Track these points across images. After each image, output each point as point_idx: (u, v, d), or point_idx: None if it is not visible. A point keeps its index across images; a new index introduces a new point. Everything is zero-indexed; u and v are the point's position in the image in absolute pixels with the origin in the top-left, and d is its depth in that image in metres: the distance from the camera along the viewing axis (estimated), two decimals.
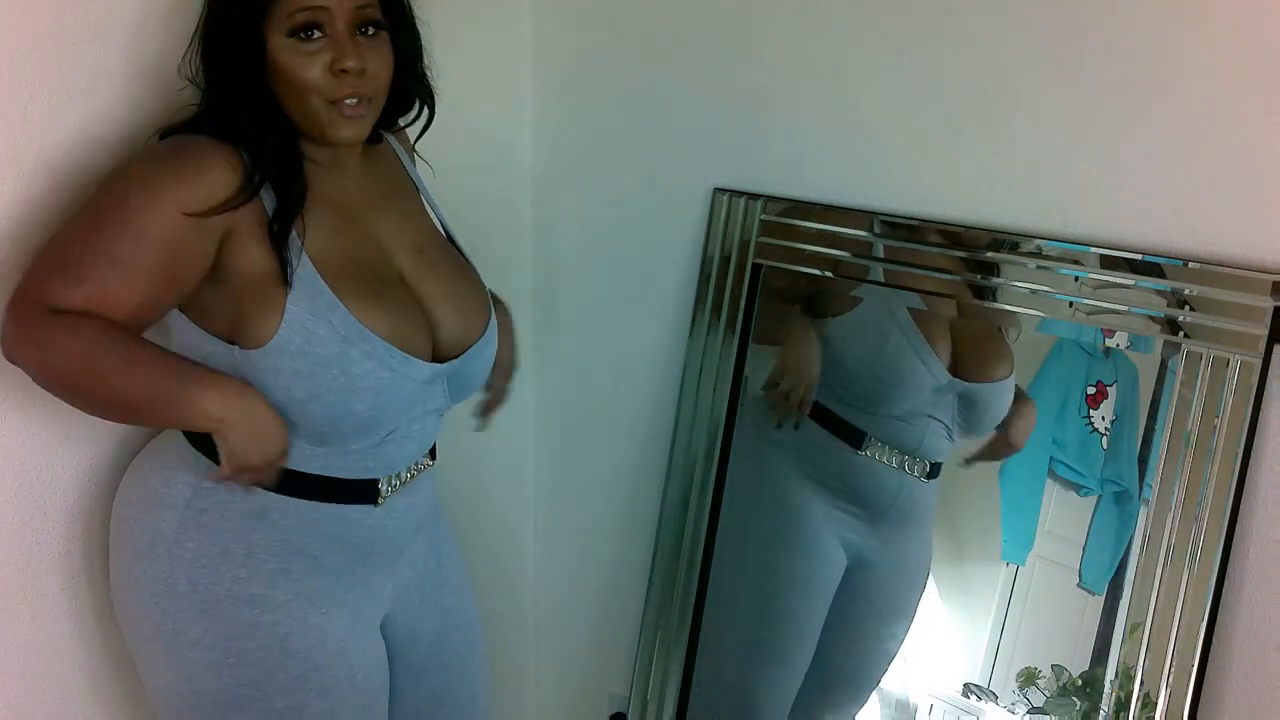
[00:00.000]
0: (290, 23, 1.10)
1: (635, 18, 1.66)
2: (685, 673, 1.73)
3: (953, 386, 1.51)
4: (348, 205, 1.23)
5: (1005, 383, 1.48)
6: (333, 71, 1.12)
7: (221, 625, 1.20)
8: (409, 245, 1.27)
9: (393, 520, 1.28)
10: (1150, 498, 1.35)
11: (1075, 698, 1.43)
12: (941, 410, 1.52)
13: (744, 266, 1.61)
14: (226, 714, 1.22)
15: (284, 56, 1.11)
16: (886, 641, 1.63)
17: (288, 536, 1.21)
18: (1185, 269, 1.30)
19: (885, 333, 1.53)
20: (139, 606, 1.23)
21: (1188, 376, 1.31)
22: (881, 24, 1.46)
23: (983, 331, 1.48)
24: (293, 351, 1.12)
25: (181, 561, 1.19)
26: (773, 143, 1.58)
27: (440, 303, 1.26)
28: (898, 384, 1.54)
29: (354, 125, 1.16)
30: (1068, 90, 1.35)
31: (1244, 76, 1.25)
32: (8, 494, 1.22)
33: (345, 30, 1.13)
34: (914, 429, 1.54)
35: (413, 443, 1.27)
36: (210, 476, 1.16)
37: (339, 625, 1.26)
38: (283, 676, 1.22)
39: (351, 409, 1.16)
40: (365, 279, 1.19)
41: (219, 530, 1.19)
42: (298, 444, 1.18)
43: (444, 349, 1.26)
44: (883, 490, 1.58)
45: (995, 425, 1.50)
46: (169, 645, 1.21)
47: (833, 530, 1.62)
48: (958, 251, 1.44)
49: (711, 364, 1.67)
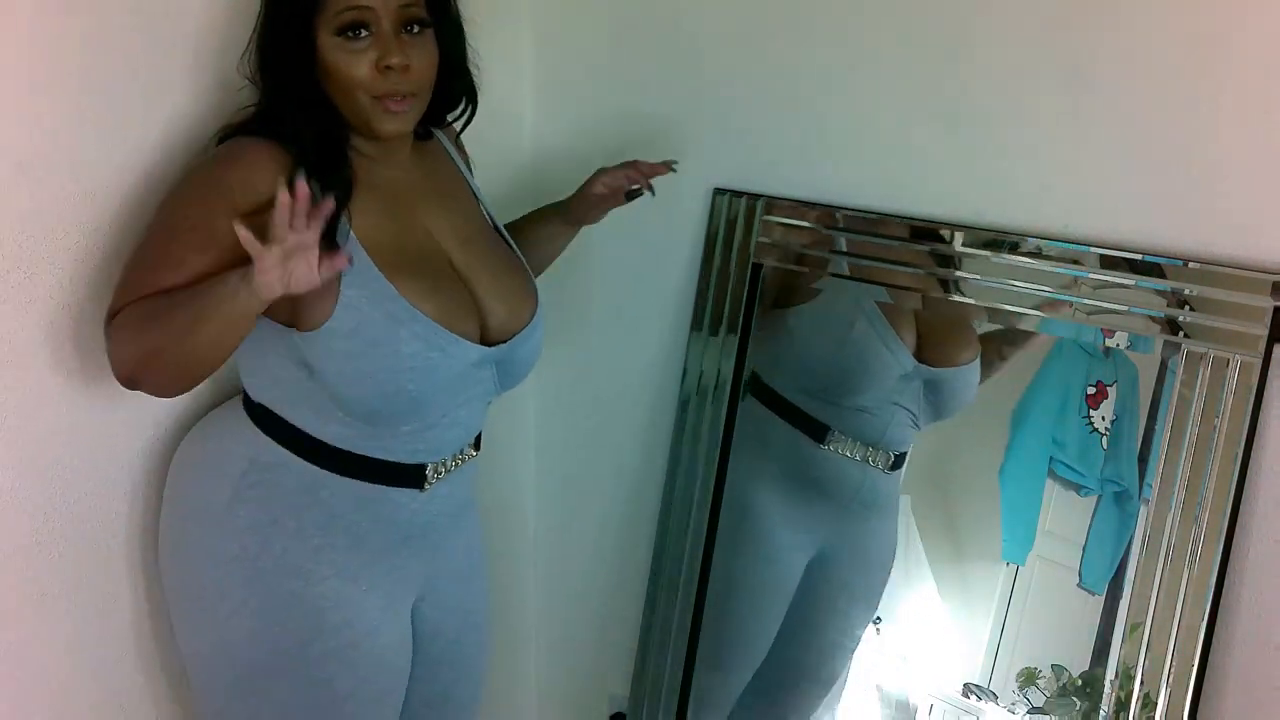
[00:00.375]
0: (338, 21, 1.15)
1: (635, 18, 1.66)
2: (685, 673, 1.73)
3: (919, 373, 1.52)
4: (398, 196, 1.27)
5: (970, 367, 1.50)
6: (378, 69, 1.17)
7: (264, 593, 1.24)
8: (457, 236, 1.31)
9: (435, 506, 1.32)
10: (1150, 498, 1.35)
11: (1075, 698, 1.43)
12: (908, 398, 1.53)
13: (744, 266, 1.61)
14: (257, 682, 1.26)
15: (332, 54, 1.17)
16: (845, 635, 1.65)
17: (336, 513, 1.26)
18: (1185, 269, 1.30)
19: (851, 322, 1.54)
20: (185, 570, 1.28)
21: (1188, 376, 1.31)
22: (882, 25, 1.46)
23: (948, 318, 1.49)
24: (345, 333, 1.17)
25: (233, 528, 1.24)
26: (773, 143, 1.58)
27: (487, 291, 1.30)
28: (864, 373, 1.54)
29: (398, 120, 1.20)
30: (1068, 91, 1.35)
31: (1244, 76, 1.25)
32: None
33: (390, 29, 1.17)
34: (878, 419, 1.55)
35: (460, 428, 1.31)
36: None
37: (374, 605, 1.30)
38: (316, 649, 1.26)
39: (402, 388, 1.20)
40: (415, 265, 1.24)
41: (271, 502, 1.24)
42: (351, 424, 1.23)
43: (492, 335, 1.30)
44: (845, 483, 1.59)
45: (960, 410, 1.52)
46: (210, 610, 1.26)
47: (792, 530, 1.63)
48: (958, 251, 1.44)
49: (712, 363, 1.67)
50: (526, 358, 1.36)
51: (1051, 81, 1.36)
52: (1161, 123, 1.30)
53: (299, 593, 1.25)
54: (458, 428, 1.31)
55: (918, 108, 1.46)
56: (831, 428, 1.56)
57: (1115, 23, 1.31)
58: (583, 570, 1.92)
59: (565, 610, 1.96)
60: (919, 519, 1.60)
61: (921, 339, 1.51)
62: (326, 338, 1.17)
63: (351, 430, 1.23)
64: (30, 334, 1.21)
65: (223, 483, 1.25)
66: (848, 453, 1.56)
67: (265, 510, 1.24)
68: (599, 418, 1.85)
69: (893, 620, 1.63)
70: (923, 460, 1.58)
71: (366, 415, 1.22)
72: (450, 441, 1.31)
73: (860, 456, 1.55)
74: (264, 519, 1.24)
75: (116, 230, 1.25)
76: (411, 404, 1.22)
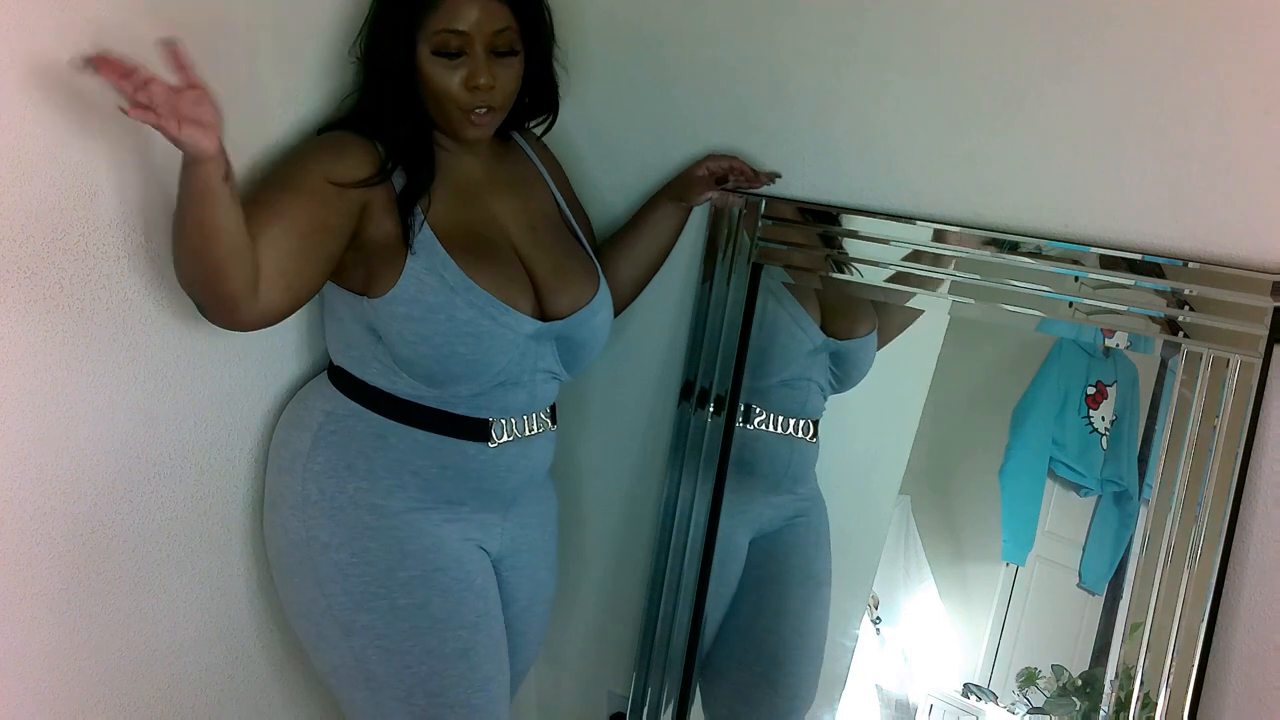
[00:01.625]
0: (435, 41, 1.31)
1: (635, 20, 1.66)
2: (685, 673, 1.73)
3: (826, 346, 1.60)
4: (471, 186, 1.43)
5: (869, 338, 1.58)
6: (467, 86, 1.32)
7: (346, 529, 1.37)
8: (524, 223, 1.46)
9: (505, 462, 1.43)
10: (1150, 498, 1.35)
11: (1075, 698, 1.43)
12: (817, 371, 1.62)
13: (744, 267, 1.62)
14: (355, 615, 1.37)
15: (429, 67, 1.32)
16: (812, 606, 1.69)
17: (404, 458, 1.38)
18: (1185, 269, 1.30)
19: (761, 304, 1.62)
20: (281, 519, 1.42)
21: (1188, 376, 1.31)
22: (882, 25, 1.46)
23: (845, 294, 1.56)
24: (407, 299, 1.31)
25: (312, 473, 1.38)
26: (773, 144, 1.58)
27: (546, 272, 1.44)
28: (779, 351, 1.62)
29: (480, 129, 1.37)
30: (1068, 90, 1.35)
31: (1244, 76, 1.25)
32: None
33: (482, 52, 1.32)
34: (797, 392, 1.63)
35: (524, 391, 1.42)
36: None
37: (452, 536, 1.41)
38: (403, 575, 1.37)
39: (455, 350, 1.33)
40: (477, 244, 1.38)
41: (345, 448, 1.38)
42: (413, 385, 1.36)
43: (548, 312, 1.43)
44: (776, 461, 1.67)
45: (861, 379, 1.61)
46: (304, 552, 1.38)
47: (728, 515, 1.68)
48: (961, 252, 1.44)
49: (712, 364, 1.67)
50: (586, 340, 1.47)
51: (1051, 81, 1.36)
52: (1162, 123, 1.30)
53: (374, 525, 1.37)
54: (521, 390, 1.42)
55: (918, 108, 1.46)
56: (755, 406, 1.64)
57: (1115, 22, 1.31)
58: (583, 571, 1.92)
59: (565, 610, 1.96)
60: (919, 519, 1.60)
61: (825, 315, 1.60)
62: (391, 303, 1.31)
63: (417, 389, 1.36)
64: (31, 334, 1.21)
65: (304, 435, 1.40)
66: (774, 428, 1.64)
67: (340, 455, 1.37)
68: (598, 419, 1.85)
69: (893, 620, 1.63)
70: (923, 460, 1.58)
71: (426, 376, 1.35)
72: (515, 403, 1.42)
73: (785, 430, 1.64)
74: (339, 463, 1.37)
75: (116, 230, 1.26)
76: (467, 367, 1.34)
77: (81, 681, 1.36)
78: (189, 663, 1.49)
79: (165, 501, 1.41)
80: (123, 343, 1.30)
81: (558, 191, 1.57)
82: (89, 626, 1.35)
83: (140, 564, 1.39)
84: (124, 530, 1.36)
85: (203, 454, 1.44)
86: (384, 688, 1.38)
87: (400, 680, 1.37)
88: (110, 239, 1.26)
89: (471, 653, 1.40)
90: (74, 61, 1.05)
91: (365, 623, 1.37)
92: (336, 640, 1.39)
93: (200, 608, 1.49)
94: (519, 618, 1.55)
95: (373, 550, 1.37)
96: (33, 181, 1.17)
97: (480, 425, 1.40)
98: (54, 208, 1.19)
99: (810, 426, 1.64)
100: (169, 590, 1.44)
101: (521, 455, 1.45)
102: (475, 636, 1.41)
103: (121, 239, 1.27)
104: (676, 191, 1.61)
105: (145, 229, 1.29)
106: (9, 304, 1.18)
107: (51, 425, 1.25)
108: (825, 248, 1.55)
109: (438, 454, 1.39)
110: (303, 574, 1.40)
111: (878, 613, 1.64)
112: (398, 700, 1.38)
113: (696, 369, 1.69)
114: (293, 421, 1.44)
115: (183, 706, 1.49)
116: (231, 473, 1.48)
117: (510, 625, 1.52)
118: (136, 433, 1.35)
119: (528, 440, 1.46)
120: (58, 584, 1.30)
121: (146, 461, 1.37)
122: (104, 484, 1.33)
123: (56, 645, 1.32)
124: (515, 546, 1.52)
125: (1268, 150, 1.25)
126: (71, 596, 1.33)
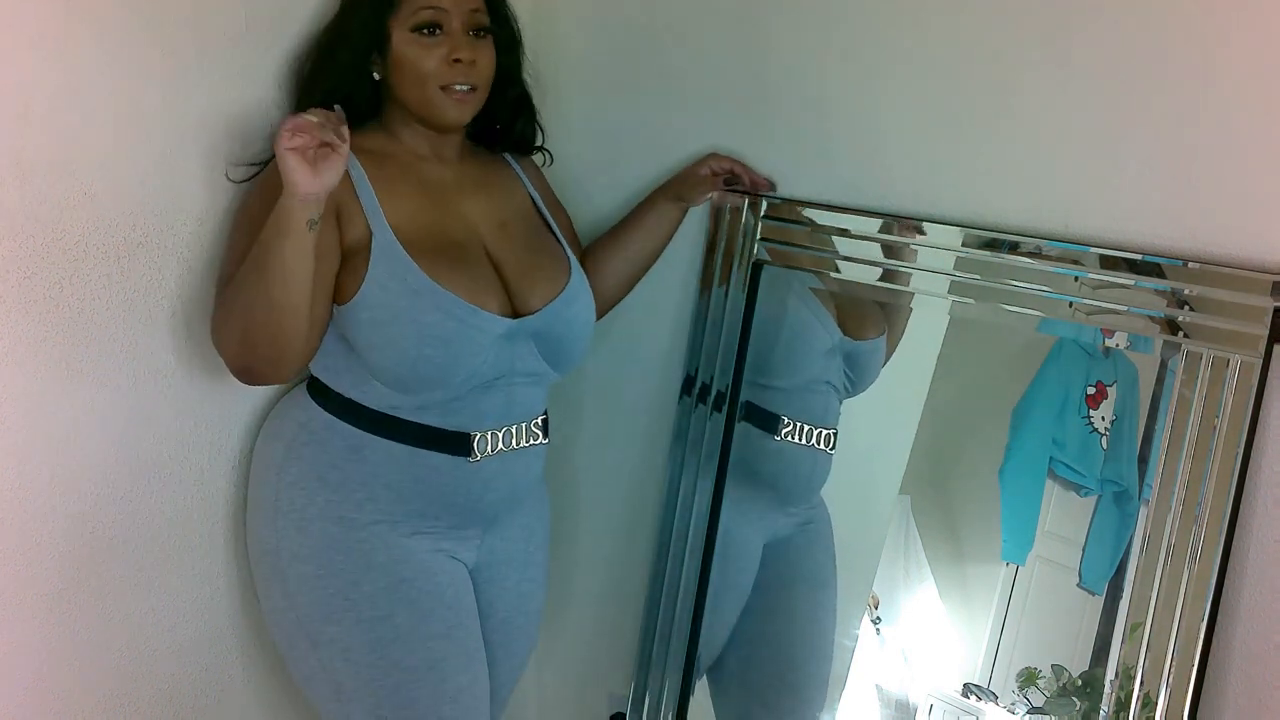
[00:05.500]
0: (415, 19, 1.33)
1: (635, 18, 1.66)
2: (685, 673, 1.73)
3: (841, 346, 1.60)
4: (441, 189, 1.42)
5: (879, 341, 1.58)
6: (448, 61, 1.34)
7: (314, 541, 1.35)
8: (495, 222, 1.46)
9: (484, 480, 1.40)
10: (1150, 498, 1.35)
11: (1075, 698, 1.43)
12: (832, 373, 1.61)
13: (744, 266, 1.61)
14: (322, 627, 1.36)
15: (407, 49, 1.34)
16: (822, 608, 1.68)
17: (377, 472, 1.36)
18: (1185, 269, 1.30)
19: (783, 301, 1.62)
20: (255, 529, 1.41)
21: (1188, 376, 1.31)
22: (882, 24, 1.46)
23: (853, 295, 1.56)
24: (372, 304, 1.29)
25: (285, 485, 1.37)
26: (773, 143, 1.58)
27: (516, 268, 1.42)
28: (803, 348, 1.62)
29: (460, 109, 1.38)
30: (1068, 90, 1.35)
31: (1244, 76, 1.25)
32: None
33: (460, 28, 1.35)
34: (818, 397, 1.63)
35: (500, 395, 1.39)
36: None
37: (421, 547, 1.39)
38: (369, 587, 1.35)
39: (423, 354, 1.30)
40: (443, 247, 1.36)
41: (317, 460, 1.36)
42: (390, 394, 1.34)
43: (522, 309, 1.40)
44: (798, 475, 1.66)
45: (872, 384, 1.60)
46: (274, 562, 1.38)
47: (745, 522, 1.68)
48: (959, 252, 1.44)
49: (713, 363, 1.67)
50: (565, 333, 1.44)
51: (1052, 81, 1.36)
52: (1162, 123, 1.30)
53: (341, 538, 1.35)
54: (499, 396, 1.39)
55: (919, 109, 1.46)
56: (783, 416, 1.62)
57: (1116, 22, 1.31)
58: (583, 571, 1.92)
59: (565, 610, 1.96)
60: (919, 519, 1.60)
61: (839, 315, 1.60)
62: (355, 309, 1.30)
63: (391, 399, 1.34)
64: (30, 334, 1.21)
65: (278, 446, 1.40)
66: (799, 439, 1.62)
67: (312, 467, 1.36)
68: (599, 418, 1.85)
69: (893, 620, 1.63)
70: (923, 460, 1.58)
71: (397, 382, 1.33)
72: (493, 411, 1.39)
73: (809, 441, 1.62)
74: (310, 475, 1.36)
75: (116, 230, 1.26)
76: (437, 370, 1.32)
77: (81, 681, 1.36)
78: (189, 663, 1.49)
79: (165, 501, 1.41)
80: (122, 343, 1.30)
81: (533, 189, 1.57)
82: (89, 626, 1.35)
83: (140, 564, 1.40)
84: (124, 530, 1.37)
85: (203, 454, 1.44)
86: (353, 699, 1.37)
87: (368, 692, 1.36)
88: (110, 239, 1.26)
89: (442, 664, 1.38)
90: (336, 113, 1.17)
91: (332, 635, 1.36)
92: (305, 651, 1.38)
93: (201, 607, 1.49)
94: (498, 630, 1.53)
95: (338, 562, 1.36)
96: (33, 181, 1.17)
97: (461, 439, 1.37)
98: (54, 208, 1.19)
99: (831, 438, 1.61)
100: (169, 590, 1.44)
101: (502, 471, 1.42)
102: (446, 647, 1.39)
103: (121, 239, 1.27)
104: (676, 191, 1.60)
105: (145, 229, 1.29)
106: (9, 304, 1.18)
107: (51, 425, 1.25)
108: (826, 248, 1.55)
109: (414, 469, 1.37)
110: (274, 584, 1.39)
111: (878, 613, 1.64)
112: (366, 711, 1.36)
113: (697, 366, 1.69)
114: (269, 432, 1.44)
115: (183, 706, 1.49)
116: (232, 473, 1.48)
117: (488, 637, 1.49)
118: (136, 433, 1.35)
119: (512, 455, 1.43)
120: (57, 584, 1.30)
121: (146, 461, 1.37)
122: (104, 484, 1.33)
123: (56, 645, 1.32)
124: (494, 560, 1.49)
125: (1267, 150, 1.24)
126: (71, 596, 1.33)
